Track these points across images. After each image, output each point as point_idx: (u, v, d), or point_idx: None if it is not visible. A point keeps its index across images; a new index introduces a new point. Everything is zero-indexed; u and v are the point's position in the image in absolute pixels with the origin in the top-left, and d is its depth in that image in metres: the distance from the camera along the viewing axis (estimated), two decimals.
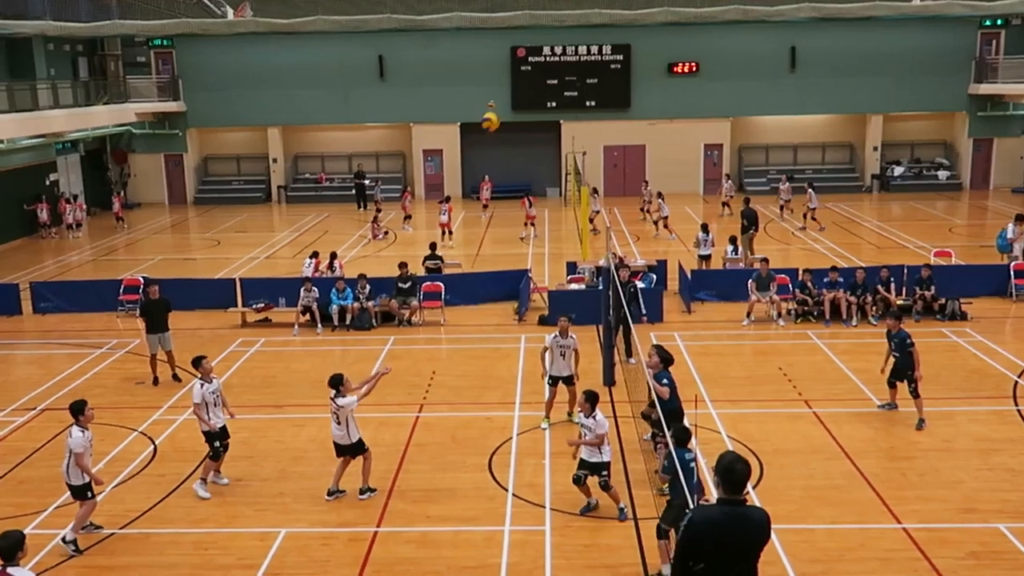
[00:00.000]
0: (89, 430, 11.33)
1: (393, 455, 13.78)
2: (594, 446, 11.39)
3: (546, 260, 27.90)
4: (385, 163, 43.74)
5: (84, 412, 11.36)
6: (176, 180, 42.87)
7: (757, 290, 20.76)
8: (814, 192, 32.17)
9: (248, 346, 19.76)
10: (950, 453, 13.35)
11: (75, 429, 11.22)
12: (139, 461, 13.77)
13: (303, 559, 10.88)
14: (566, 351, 14.38)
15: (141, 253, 31.02)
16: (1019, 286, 22.11)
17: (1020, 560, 10.49)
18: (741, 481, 6.64)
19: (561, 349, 14.35)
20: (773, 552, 10.43)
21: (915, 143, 42.93)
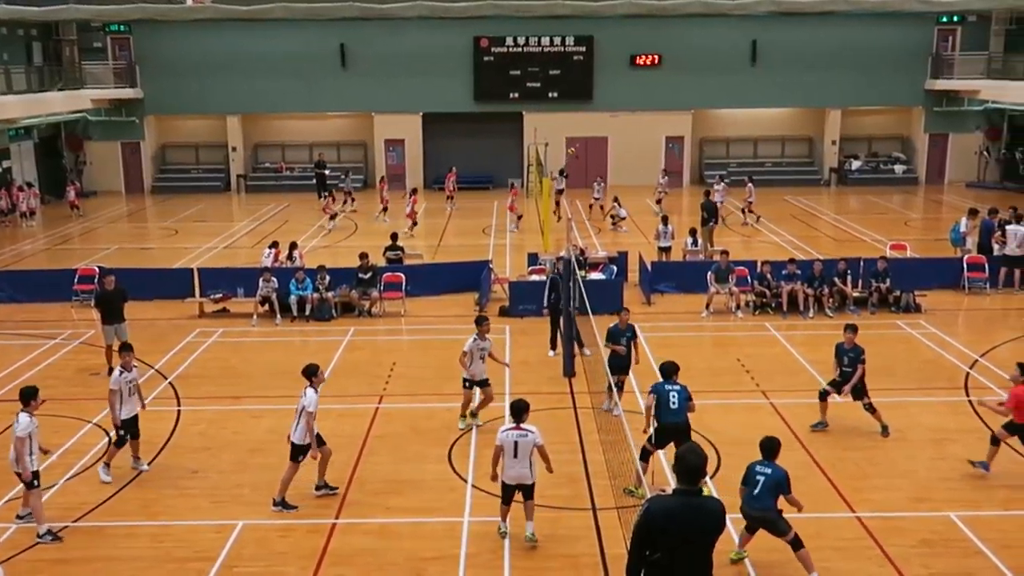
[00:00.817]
0: (36, 419, 11.15)
1: (353, 446, 13.73)
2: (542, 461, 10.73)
3: (507, 251, 27.91)
4: (346, 153, 43.46)
5: (36, 398, 11.24)
6: (133, 168, 42.26)
7: (716, 282, 20.93)
8: (753, 186, 32.46)
9: (206, 337, 19.57)
10: (904, 443, 13.57)
11: (23, 415, 11.03)
12: (94, 453, 13.59)
13: (261, 551, 10.82)
14: (484, 354, 14.19)
15: (97, 242, 30.57)
16: (972, 279, 22.49)
17: (971, 547, 10.70)
18: (696, 471, 6.72)
19: (480, 352, 14.14)
20: (729, 541, 10.54)
21: (872, 137, 43.48)
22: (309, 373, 12.08)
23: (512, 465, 10.53)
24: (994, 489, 12.18)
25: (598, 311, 17.09)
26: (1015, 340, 18.78)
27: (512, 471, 10.57)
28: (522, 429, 10.55)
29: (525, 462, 10.50)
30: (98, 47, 41.19)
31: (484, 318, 14.46)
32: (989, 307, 21.45)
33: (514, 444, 10.48)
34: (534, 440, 10.52)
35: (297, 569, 10.40)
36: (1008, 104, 38.35)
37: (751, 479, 10.15)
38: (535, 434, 10.55)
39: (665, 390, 11.72)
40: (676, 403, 11.63)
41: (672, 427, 11.62)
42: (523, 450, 10.48)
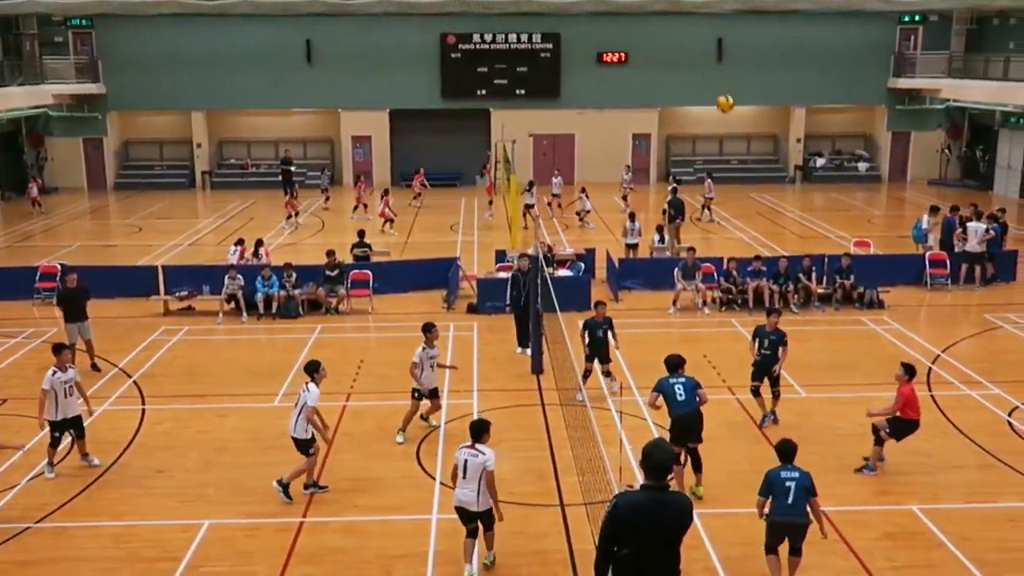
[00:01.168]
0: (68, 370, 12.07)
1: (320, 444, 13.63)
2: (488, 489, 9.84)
3: (475, 248, 27.89)
4: (312, 149, 43.21)
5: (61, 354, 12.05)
6: (96, 164, 41.73)
7: (683, 278, 21.06)
8: (712, 182, 32.69)
9: (171, 335, 19.38)
10: (867, 437, 13.66)
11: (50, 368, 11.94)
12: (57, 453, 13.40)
13: (228, 551, 10.74)
14: (433, 362, 13.83)
15: (59, 239, 30.18)
16: (934, 275, 22.80)
17: (933, 540, 10.86)
18: (663, 466, 6.76)
19: (430, 361, 13.78)
20: (696, 536, 10.62)
21: (836, 135, 43.92)
22: (311, 369, 11.98)
23: (461, 485, 9.83)
24: (955, 484, 12.37)
25: (566, 308, 17.12)
26: (976, 335, 19.08)
27: (459, 491, 9.87)
28: (476, 449, 9.81)
29: (473, 485, 9.72)
30: (59, 42, 40.58)
31: (431, 325, 13.86)
32: (951, 303, 21.76)
33: (464, 462, 9.79)
34: (484, 463, 9.69)
35: (264, 568, 10.34)
36: (969, 103, 38.90)
37: (779, 487, 9.56)
38: (488, 458, 9.72)
39: (669, 384, 11.75)
40: (683, 394, 11.66)
41: (682, 419, 11.66)
42: (472, 471, 9.72)
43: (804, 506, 9.55)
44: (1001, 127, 38.31)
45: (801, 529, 9.64)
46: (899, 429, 12.47)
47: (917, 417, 12.39)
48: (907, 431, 12.48)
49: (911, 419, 12.38)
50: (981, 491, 12.15)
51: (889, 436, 12.54)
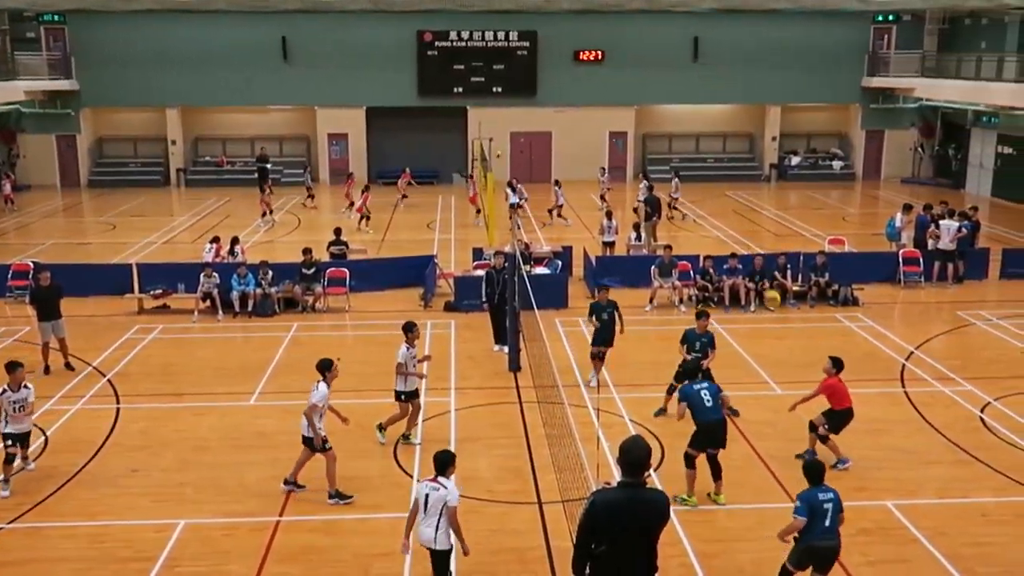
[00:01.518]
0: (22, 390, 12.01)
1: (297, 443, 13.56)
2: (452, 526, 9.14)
3: (452, 246, 27.87)
4: (289, 147, 43.00)
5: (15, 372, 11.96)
6: (69, 162, 41.33)
7: (660, 276, 21.14)
8: (679, 181, 32.81)
9: (146, 333, 19.24)
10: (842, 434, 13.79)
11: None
12: (30, 453, 13.26)
13: (204, 550, 10.68)
14: (415, 362, 13.36)
15: (32, 237, 29.88)
16: (907, 273, 23.01)
17: (907, 535, 10.96)
18: (640, 463, 6.78)
19: (413, 360, 13.28)
20: (673, 533, 10.67)
21: (811, 134, 44.21)
22: (323, 368, 11.83)
23: (421, 521, 9.11)
24: (929, 480, 12.49)
25: (543, 306, 17.15)
26: (949, 332, 19.28)
27: (420, 527, 9.13)
28: (437, 483, 9.08)
29: (432, 522, 9.01)
30: (31, 37, 40.13)
31: (413, 324, 13.52)
32: (924, 300, 21.97)
33: (425, 496, 9.05)
34: (445, 497, 8.98)
35: (241, 567, 10.29)
36: (941, 102, 39.28)
37: (818, 510, 8.95)
38: (450, 493, 9.01)
39: (696, 391, 11.59)
40: (710, 400, 11.56)
41: (712, 425, 11.52)
42: (433, 506, 9.02)
43: (838, 527, 9.15)
44: (973, 126, 38.74)
45: (836, 552, 9.20)
46: (835, 421, 12.71)
47: (849, 405, 12.64)
48: (844, 421, 12.71)
49: (845, 408, 12.63)
50: (955, 487, 12.27)
51: (828, 431, 12.75)
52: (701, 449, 11.63)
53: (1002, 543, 10.80)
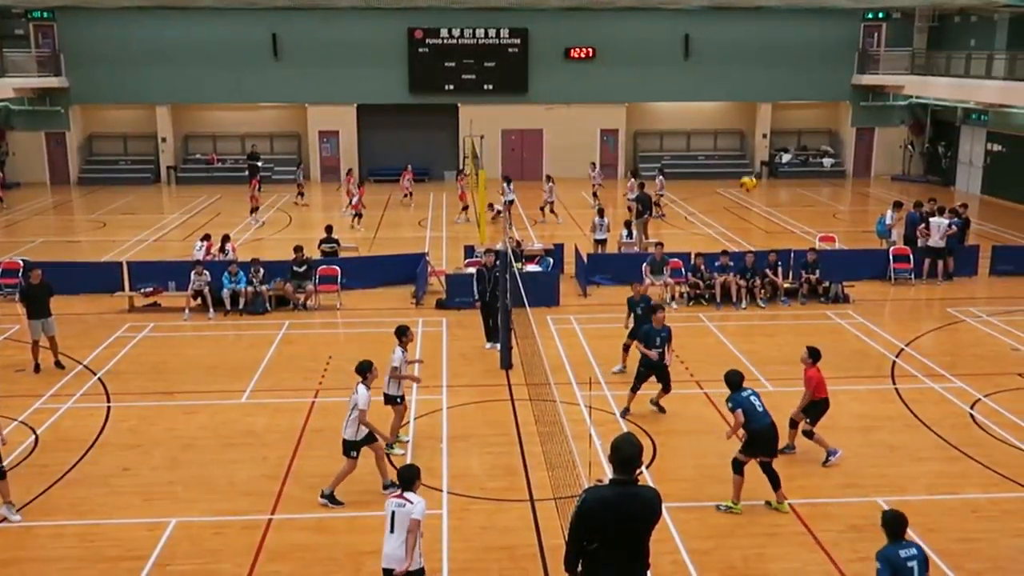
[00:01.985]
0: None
1: (289, 441, 13.60)
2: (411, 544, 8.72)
3: (443, 244, 27.85)
4: (280, 144, 42.87)
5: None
6: (58, 159, 41.15)
7: (651, 273, 21.16)
8: (663, 179, 32.82)
9: (136, 331, 19.18)
10: (832, 431, 13.83)
11: None
12: (20, 451, 13.25)
13: (195, 548, 10.66)
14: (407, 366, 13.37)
15: (21, 235, 29.75)
16: (898, 270, 23.08)
17: None
18: (631, 460, 6.78)
19: (405, 365, 13.25)
20: (665, 530, 10.69)
21: (802, 131, 44.29)
22: (363, 370, 11.69)
23: (387, 540, 8.77)
24: (919, 476, 12.53)
25: (534, 304, 17.15)
26: (939, 329, 19.34)
27: (386, 547, 8.78)
28: (404, 498, 8.76)
29: (400, 539, 8.66)
30: (20, 34, 39.93)
31: (406, 328, 13.42)
32: (914, 297, 22.04)
33: (391, 514, 8.74)
34: (410, 513, 8.64)
35: (232, 566, 10.27)
36: (931, 99, 39.39)
37: (902, 570, 7.96)
38: (416, 507, 8.68)
39: (745, 398, 11.45)
40: (761, 407, 11.50)
41: (766, 431, 11.41)
42: (399, 523, 8.67)
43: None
44: (963, 123, 38.86)
45: None
46: (814, 412, 12.83)
47: (826, 395, 12.78)
48: (822, 412, 12.83)
49: (822, 399, 12.77)
50: (945, 483, 12.32)
51: (810, 425, 12.84)
52: (753, 456, 11.48)
53: (991, 539, 10.85)
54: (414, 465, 9.26)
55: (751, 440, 11.46)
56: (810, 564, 10.30)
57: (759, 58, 40.85)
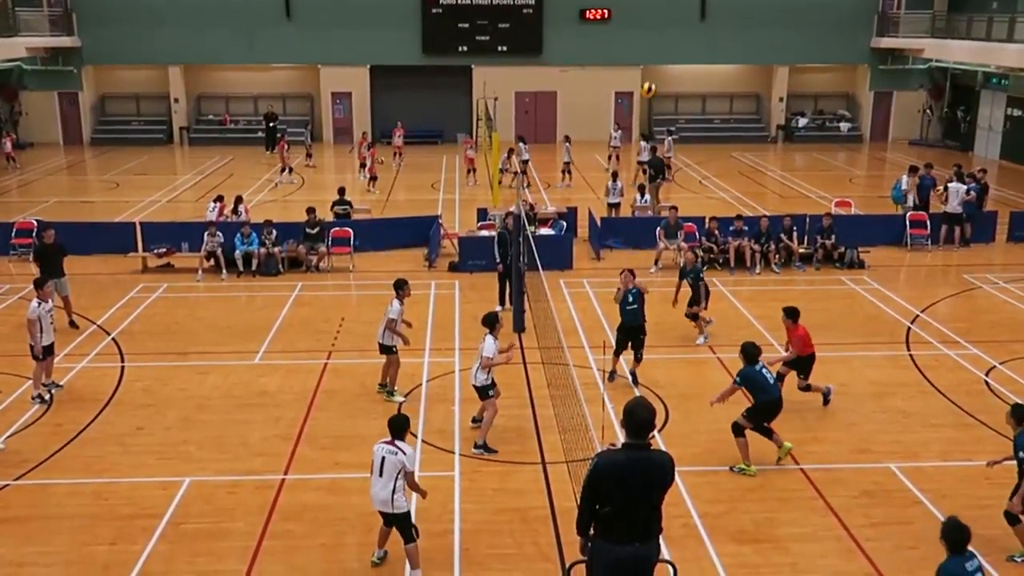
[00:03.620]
0: (47, 303, 13.60)
1: (301, 402, 13.64)
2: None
3: (456, 206, 27.75)
4: (292, 105, 42.68)
5: (43, 288, 13.66)
6: (71, 119, 41.10)
7: (665, 237, 21.04)
8: (672, 140, 32.48)
9: (149, 292, 19.22)
10: (846, 397, 13.82)
11: (34, 301, 13.42)
12: (35, 410, 13.33)
13: (208, 508, 10.72)
14: None
15: (35, 195, 29.79)
16: (914, 236, 22.88)
17: (910, 497, 10.98)
18: (644, 425, 6.76)
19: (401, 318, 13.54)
20: (677, 494, 10.68)
21: (819, 95, 43.81)
22: (489, 322, 12.19)
23: (375, 483, 9.13)
24: (932, 442, 12.49)
25: (548, 267, 17.08)
26: (955, 296, 19.20)
27: (373, 490, 9.17)
28: (395, 446, 9.11)
29: (389, 484, 9.00)
30: None
31: (404, 281, 13.75)
32: (930, 263, 21.86)
33: (381, 460, 9.08)
34: (403, 462, 9.01)
35: (245, 525, 10.34)
36: (950, 63, 38.86)
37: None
38: (408, 457, 9.07)
39: (758, 371, 11.51)
40: (772, 378, 11.73)
41: (777, 403, 11.59)
42: (389, 469, 9.03)
43: None
44: (983, 88, 38.35)
45: None
46: (804, 367, 13.28)
47: (813, 351, 13.25)
48: (810, 365, 13.31)
49: (810, 354, 13.24)
50: (958, 449, 12.27)
51: (804, 379, 13.28)
52: (756, 424, 11.57)
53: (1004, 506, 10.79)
54: (405, 415, 9.59)
55: (761, 410, 11.56)
56: (821, 529, 10.30)
57: (776, 20, 40.29)
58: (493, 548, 9.87)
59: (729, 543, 9.98)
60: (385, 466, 9.03)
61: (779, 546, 9.94)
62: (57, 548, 9.87)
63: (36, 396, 13.54)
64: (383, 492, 9.04)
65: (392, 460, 9.01)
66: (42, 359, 13.57)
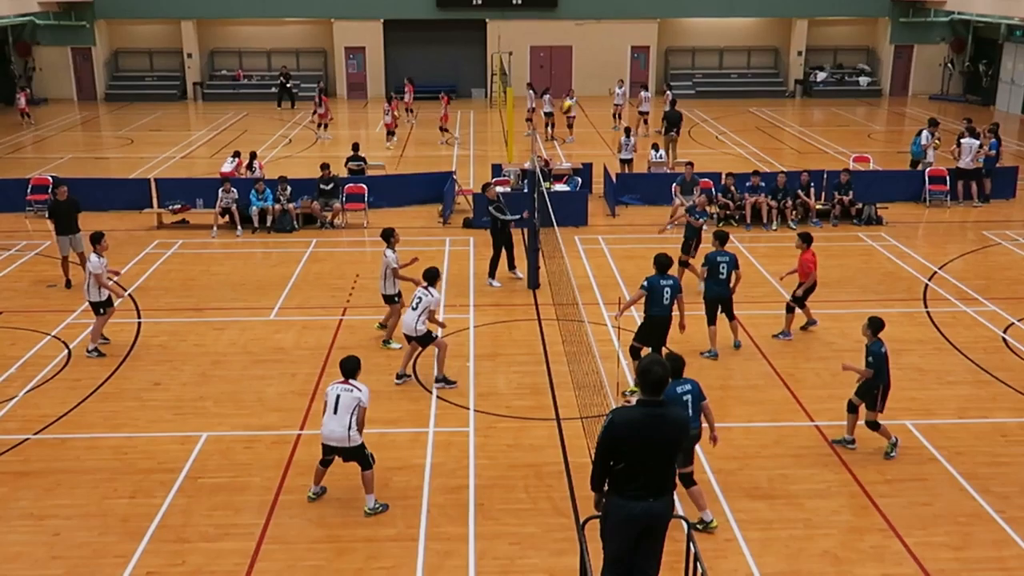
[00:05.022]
0: (105, 257, 13.93)
1: (317, 358, 13.69)
2: None
3: (471, 162, 27.61)
4: (305, 60, 42.43)
5: (100, 242, 13.92)
6: (85, 75, 41.01)
7: (681, 194, 20.89)
8: (647, 94, 32.06)
9: (165, 248, 19.27)
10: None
11: (93, 255, 13.70)
12: (53, 366, 13.45)
13: (225, 462, 10.82)
14: None
15: (49, 151, 29.80)
16: (933, 192, 22.65)
17: (924, 454, 10.96)
18: (659, 383, 6.74)
19: None
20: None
21: (838, 48, 43.19)
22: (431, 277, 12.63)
23: (329, 420, 9.60)
24: (948, 399, 12.45)
25: (563, 223, 17.00)
26: (973, 252, 19.04)
27: (328, 428, 9.62)
28: (350, 384, 9.65)
29: (345, 420, 9.50)
30: None
31: (391, 230, 14.12)
32: (949, 219, 21.66)
33: (336, 397, 9.58)
34: (359, 398, 9.55)
35: (262, 479, 10.43)
36: (973, 15, 38.17)
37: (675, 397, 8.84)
38: (364, 394, 9.61)
39: (660, 284, 12.01)
40: (668, 301, 12.10)
41: (663, 321, 12.13)
42: (344, 406, 9.53)
43: None
44: (1006, 41, 37.68)
45: None
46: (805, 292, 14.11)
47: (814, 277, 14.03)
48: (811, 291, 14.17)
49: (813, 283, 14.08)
50: (974, 407, 12.23)
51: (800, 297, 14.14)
52: (645, 343, 12.09)
53: (1020, 463, 10.79)
54: (356, 357, 10.02)
55: (646, 326, 12.10)
56: (835, 485, 10.31)
57: None
58: (507, 503, 9.93)
59: (743, 499, 10.01)
60: (340, 403, 9.53)
61: (793, 502, 9.97)
62: (78, 501, 9.99)
63: (93, 349, 13.77)
64: (339, 429, 9.52)
65: (348, 397, 9.54)
66: (103, 313, 13.88)
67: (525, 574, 8.76)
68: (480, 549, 9.12)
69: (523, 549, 9.13)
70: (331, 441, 9.62)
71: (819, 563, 8.93)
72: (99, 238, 14.02)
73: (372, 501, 9.74)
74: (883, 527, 9.52)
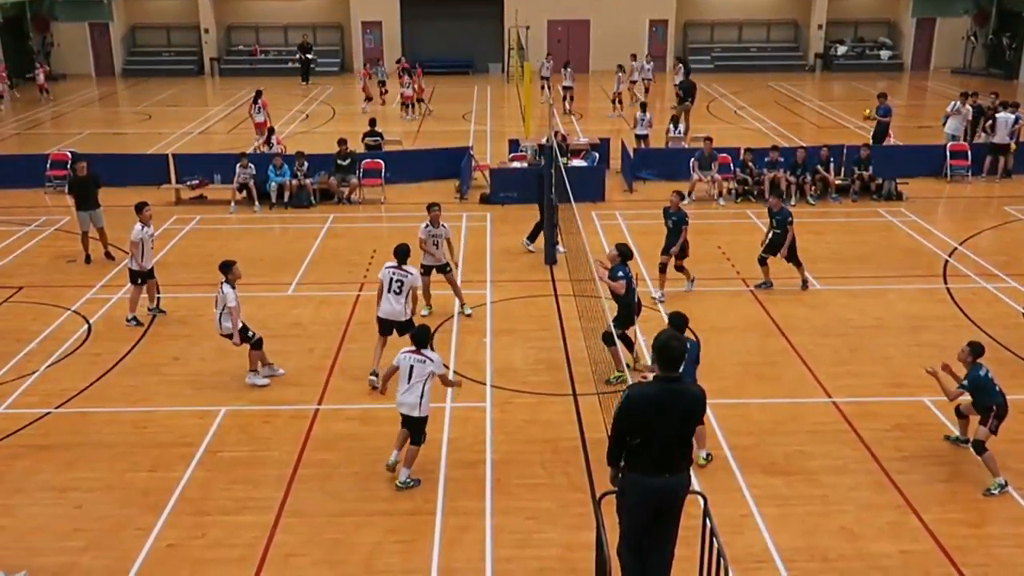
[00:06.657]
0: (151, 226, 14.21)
1: (334, 333, 13.75)
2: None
3: (488, 138, 27.53)
4: (322, 35, 42.32)
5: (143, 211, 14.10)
6: (102, 50, 41.07)
7: (699, 169, 20.78)
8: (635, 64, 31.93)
9: (183, 224, 19.35)
10: (881, 330, 13.70)
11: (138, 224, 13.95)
12: (73, 340, 13.56)
13: (244, 436, 10.90)
14: (439, 240, 14.09)
15: (68, 127, 29.92)
16: (954, 167, 22.43)
17: (942, 431, 10.92)
18: (677, 358, 6.73)
19: (434, 239, 14.06)
20: (708, 426, 10.70)
21: (859, 22, 42.73)
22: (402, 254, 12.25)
23: (403, 391, 9.73)
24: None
25: (580, 199, 16.95)
26: (994, 228, 18.87)
27: (401, 396, 9.76)
28: (422, 355, 9.70)
29: (417, 390, 9.64)
30: None
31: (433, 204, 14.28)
32: (970, 195, 21.46)
33: (409, 368, 9.68)
34: (432, 369, 9.66)
35: (280, 454, 10.50)
36: None
37: None
38: (436, 364, 9.70)
39: (628, 271, 11.97)
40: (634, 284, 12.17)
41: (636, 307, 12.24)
42: (417, 377, 9.64)
43: None
44: None
45: None
46: None
47: None
48: None
49: None
50: None
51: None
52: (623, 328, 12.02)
53: None
54: (426, 326, 10.30)
55: (623, 313, 11.97)
56: (852, 462, 10.29)
57: None
58: (524, 478, 9.97)
59: (760, 475, 10.00)
60: (413, 374, 9.66)
61: (810, 478, 9.96)
62: (98, 474, 10.10)
63: (132, 318, 14.03)
64: (411, 397, 9.67)
65: (420, 368, 9.64)
66: (140, 283, 14.10)
67: (541, 548, 8.81)
68: (497, 524, 9.17)
69: (539, 524, 9.17)
70: (404, 409, 9.80)
71: (836, 539, 8.93)
72: (142, 207, 14.17)
73: (405, 475, 9.81)
74: (900, 503, 9.50)
